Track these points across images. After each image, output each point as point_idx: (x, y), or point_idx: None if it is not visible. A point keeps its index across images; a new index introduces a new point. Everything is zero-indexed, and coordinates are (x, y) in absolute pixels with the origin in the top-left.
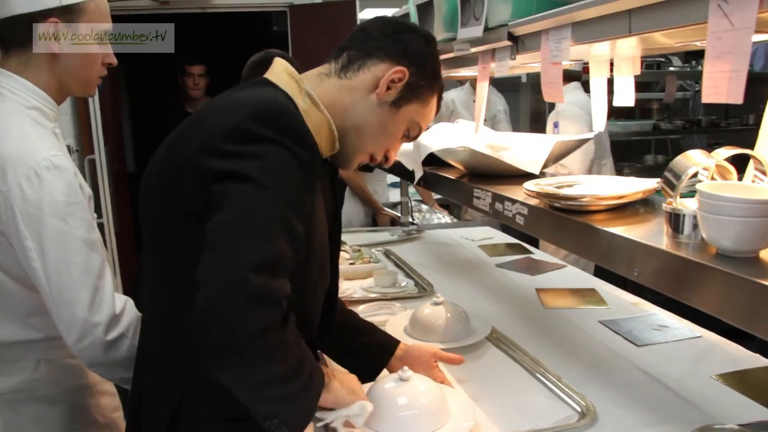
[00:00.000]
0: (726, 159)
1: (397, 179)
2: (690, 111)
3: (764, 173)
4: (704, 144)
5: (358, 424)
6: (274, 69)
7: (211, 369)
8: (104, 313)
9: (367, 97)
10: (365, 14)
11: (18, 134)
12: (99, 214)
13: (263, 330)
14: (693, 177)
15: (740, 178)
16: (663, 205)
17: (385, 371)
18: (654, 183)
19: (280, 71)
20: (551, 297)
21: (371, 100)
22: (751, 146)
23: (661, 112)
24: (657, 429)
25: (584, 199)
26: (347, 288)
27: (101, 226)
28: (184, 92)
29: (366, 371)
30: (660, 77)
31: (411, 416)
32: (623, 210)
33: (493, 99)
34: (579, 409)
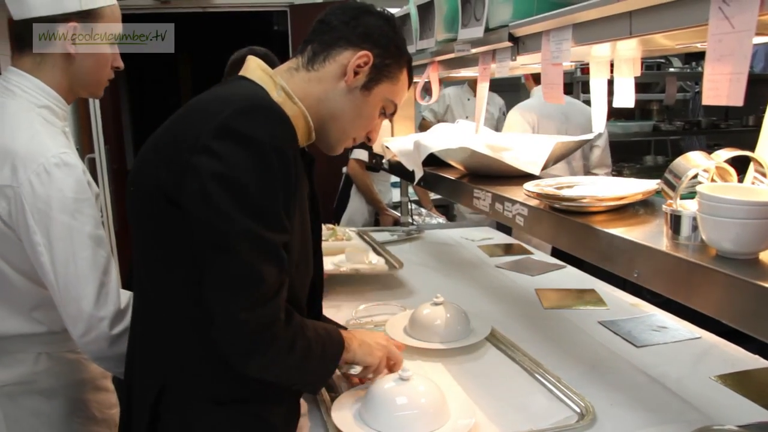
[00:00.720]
0: (726, 161)
1: (398, 179)
2: (690, 112)
3: (764, 175)
4: (704, 145)
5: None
6: (249, 66)
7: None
8: (110, 308)
9: (337, 86)
10: None
11: (28, 132)
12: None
13: (271, 341)
14: (693, 178)
15: (740, 180)
16: (663, 207)
17: None
18: (654, 184)
19: (254, 68)
20: (551, 297)
21: (341, 88)
22: (751, 147)
23: (661, 113)
24: (656, 429)
25: (584, 200)
26: None
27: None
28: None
29: None
30: (660, 78)
31: (410, 416)
32: (623, 211)
33: (493, 97)
34: (578, 410)
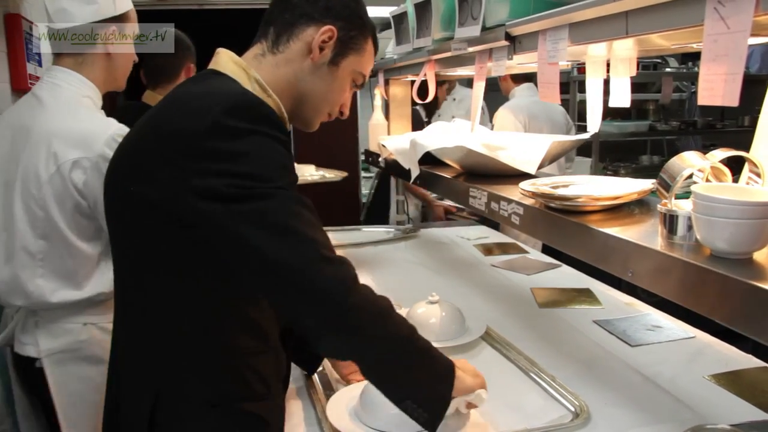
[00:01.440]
0: (721, 161)
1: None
2: (686, 112)
3: (758, 175)
4: (700, 145)
5: (480, 404)
6: (220, 60)
7: (338, 349)
8: None
9: (304, 64)
10: None
11: (86, 114)
12: None
13: (347, 293)
14: (688, 178)
15: (735, 180)
16: (658, 206)
17: None
18: (649, 184)
19: (227, 61)
20: (546, 296)
21: (309, 66)
22: (747, 148)
23: (657, 113)
24: (650, 429)
25: (580, 200)
26: None
27: None
28: None
29: (310, 361)
30: (656, 78)
31: None
32: (618, 211)
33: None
34: (572, 409)
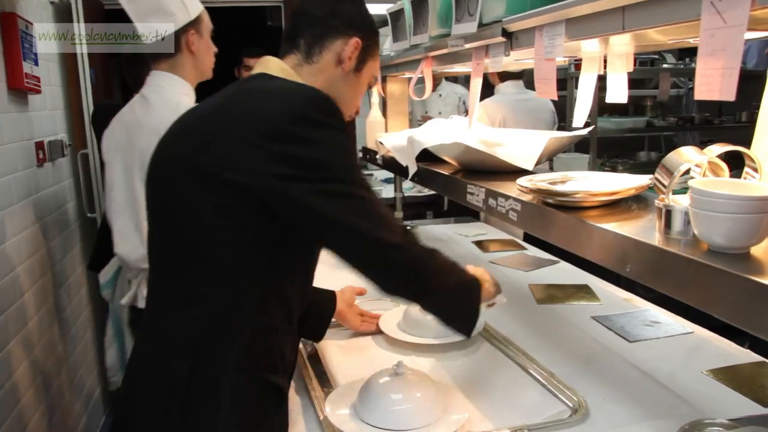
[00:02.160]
0: (718, 156)
1: (391, 175)
2: (683, 108)
3: (756, 170)
4: (697, 141)
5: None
6: (271, 66)
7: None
8: None
9: (336, 72)
10: None
11: (183, 108)
12: (92, 210)
13: (414, 260)
14: (685, 174)
15: (733, 175)
16: (655, 202)
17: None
18: (647, 179)
19: (277, 67)
20: (544, 293)
21: (340, 74)
22: (745, 143)
23: (655, 109)
24: (648, 424)
25: (577, 195)
26: None
27: (94, 222)
28: None
29: (316, 327)
30: (654, 74)
31: (405, 410)
32: (616, 206)
33: (463, 93)
34: (571, 405)
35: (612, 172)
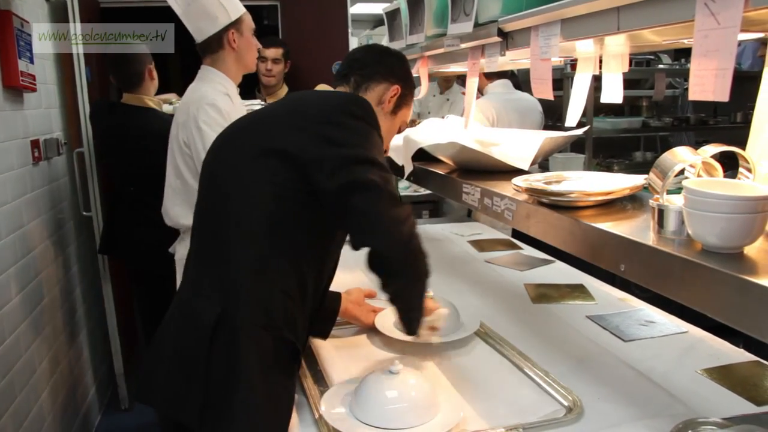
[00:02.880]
0: (712, 156)
1: None
2: (679, 108)
3: (750, 171)
4: (692, 141)
5: (439, 326)
6: (325, 87)
7: (399, 286)
8: None
9: (376, 110)
10: (356, 9)
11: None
12: (87, 209)
13: (417, 250)
14: (680, 174)
15: (727, 176)
16: (650, 202)
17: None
18: (641, 179)
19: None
20: (539, 292)
21: (379, 112)
22: (739, 144)
23: (650, 110)
24: (642, 423)
25: (572, 195)
26: None
27: (90, 220)
28: (258, 79)
29: (323, 325)
30: (649, 75)
31: (400, 409)
32: (611, 206)
33: (461, 98)
34: (566, 404)
35: (607, 172)
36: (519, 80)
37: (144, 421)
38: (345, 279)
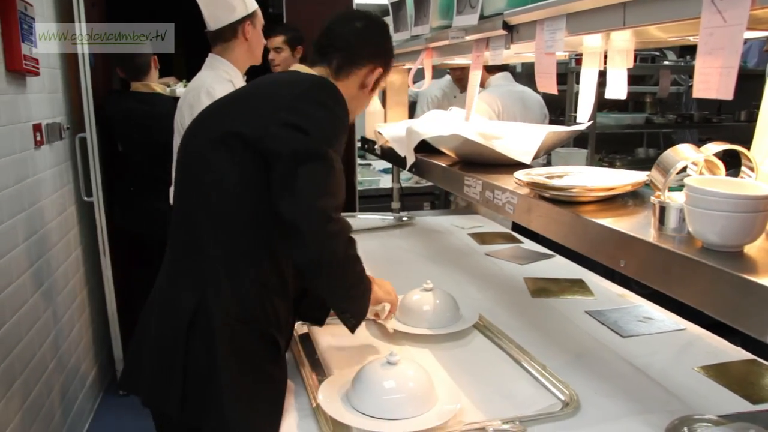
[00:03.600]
0: (715, 154)
1: (389, 165)
2: (683, 106)
3: (752, 169)
4: (696, 139)
5: (381, 317)
6: (300, 69)
7: (318, 284)
8: None
9: (357, 92)
10: None
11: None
12: (89, 194)
13: (347, 247)
14: (682, 171)
15: (729, 174)
16: (651, 198)
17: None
18: (643, 176)
19: (306, 70)
20: (539, 286)
21: (360, 92)
22: (743, 142)
23: (654, 106)
24: (638, 418)
25: (573, 190)
26: None
27: (91, 206)
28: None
29: (314, 310)
30: (654, 71)
31: (398, 399)
32: (612, 202)
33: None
34: (563, 398)
35: (609, 168)
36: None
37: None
38: None
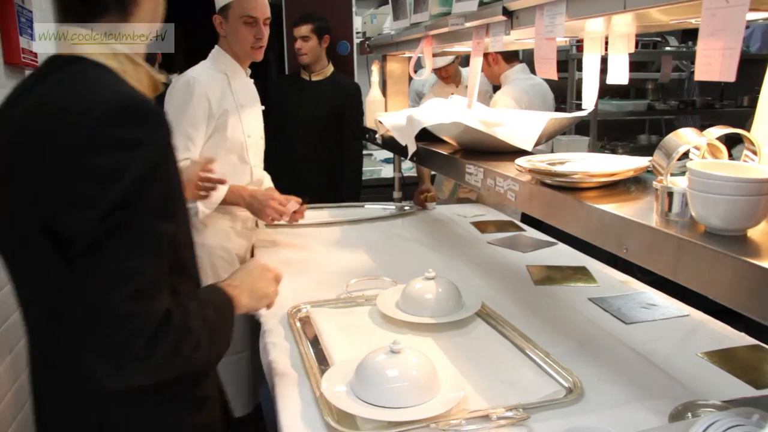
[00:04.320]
0: (718, 138)
1: (390, 155)
2: (685, 92)
3: (755, 153)
4: (698, 125)
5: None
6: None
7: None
8: None
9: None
10: None
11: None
12: None
13: (152, 349)
14: (684, 155)
15: (732, 158)
16: (653, 183)
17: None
18: (645, 161)
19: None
20: (541, 274)
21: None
22: (745, 127)
23: (656, 92)
24: (642, 405)
25: (575, 176)
26: None
27: None
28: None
29: None
30: (656, 57)
31: (401, 388)
32: (614, 187)
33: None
34: (566, 385)
35: (611, 155)
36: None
37: None
38: (346, 258)
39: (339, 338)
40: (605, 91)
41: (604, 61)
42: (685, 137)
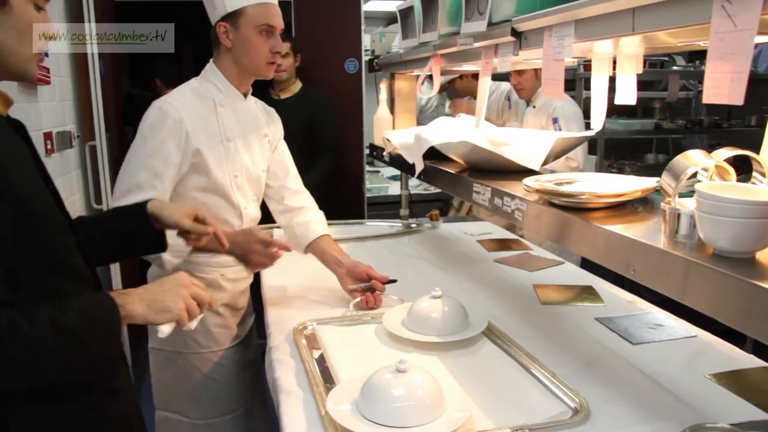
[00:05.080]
0: (726, 160)
1: (398, 172)
2: (692, 111)
3: (764, 175)
4: (706, 144)
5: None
6: None
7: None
8: None
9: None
10: (369, 6)
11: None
12: (99, 201)
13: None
14: (692, 177)
15: (740, 180)
16: (661, 204)
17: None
18: (653, 182)
19: None
20: (548, 293)
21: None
22: (753, 147)
23: (664, 112)
24: (649, 426)
25: (583, 197)
26: None
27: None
28: None
29: (146, 240)
30: (663, 76)
31: (407, 407)
32: (622, 208)
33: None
34: (572, 406)
35: (619, 174)
36: None
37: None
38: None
39: (345, 356)
40: (612, 110)
41: (613, 81)
42: (694, 159)
